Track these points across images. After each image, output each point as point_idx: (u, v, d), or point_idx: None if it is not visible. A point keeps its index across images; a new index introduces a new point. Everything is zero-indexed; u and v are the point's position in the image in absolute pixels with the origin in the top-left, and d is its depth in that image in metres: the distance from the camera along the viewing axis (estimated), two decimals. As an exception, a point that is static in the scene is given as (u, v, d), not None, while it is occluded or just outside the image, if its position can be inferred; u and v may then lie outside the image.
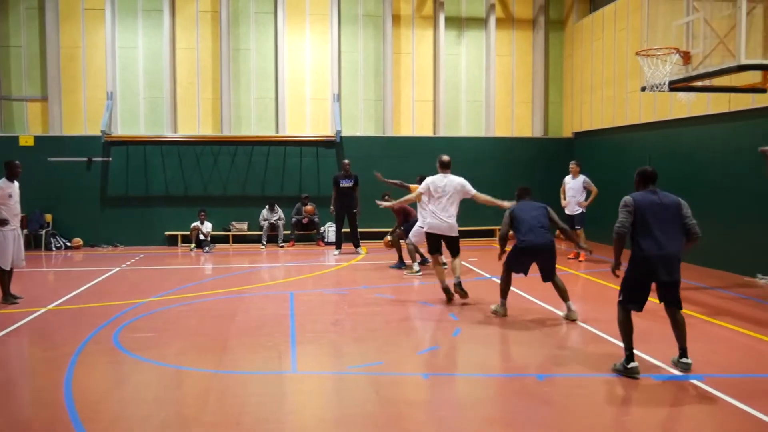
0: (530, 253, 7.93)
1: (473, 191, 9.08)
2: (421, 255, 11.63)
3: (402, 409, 5.12)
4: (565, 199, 12.98)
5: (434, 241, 9.00)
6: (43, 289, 10.48)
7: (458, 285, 8.83)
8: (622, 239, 5.93)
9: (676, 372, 5.80)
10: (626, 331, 5.84)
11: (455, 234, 8.94)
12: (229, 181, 16.14)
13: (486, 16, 17.20)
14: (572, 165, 12.99)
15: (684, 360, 5.85)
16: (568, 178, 13.02)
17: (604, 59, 15.43)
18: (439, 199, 8.90)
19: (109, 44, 15.82)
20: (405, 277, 11.02)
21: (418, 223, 10.72)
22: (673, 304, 5.91)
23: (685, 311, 6.04)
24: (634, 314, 5.95)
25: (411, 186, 11.09)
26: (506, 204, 8.67)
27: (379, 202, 11.12)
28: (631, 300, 5.92)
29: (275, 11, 16.39)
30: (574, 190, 12.75)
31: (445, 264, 9.28)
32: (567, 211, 12.84)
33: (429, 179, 9.11)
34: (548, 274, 8.02)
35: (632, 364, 5.73)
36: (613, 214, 14.56)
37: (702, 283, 10.28)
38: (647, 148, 13.60)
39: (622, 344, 5.90)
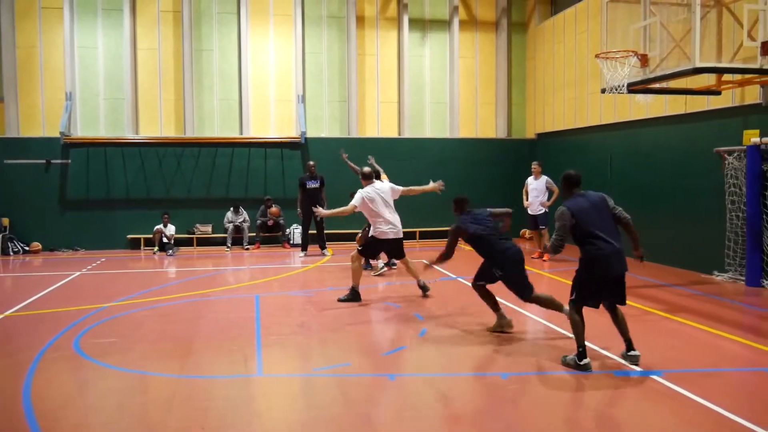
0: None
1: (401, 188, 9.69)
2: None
3: (369, 410, 5.14)
4: (527, 199, 13.17)
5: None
6: (1, 294, 10.21)
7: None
8: (558, 252, 6.23)
9: (636, 368, 5.93)
10: (579, 328, 6.01)
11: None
12: (192, 183, 15.96)
13: (449, 18, 17.34)
14: (534, 165, 13.19)
15: (632, 353, 6.06)
16: (530, 179, 13.21)
17: (566, 61, 15.68)
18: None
19: (68, 44, 15.50)
20: (371, 277, 11.05)
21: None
22: (621, 299, 6.12)
23: (644, 308, 6.18)
24: (596, 311, 6.08)
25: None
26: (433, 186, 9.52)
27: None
28: (587, 298, 6.09)
29: (238, 12, 16.27)
30: (537, 191, 12.95)
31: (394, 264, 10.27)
32: (530, 211, 13.04)
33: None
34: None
35: (585, 361, 5.90)
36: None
37: (660, 281, 10.53)
38: (608, 149, 13.88)
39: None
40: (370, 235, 9.50)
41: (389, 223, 9.25)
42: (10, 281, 11.92)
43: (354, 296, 9.14)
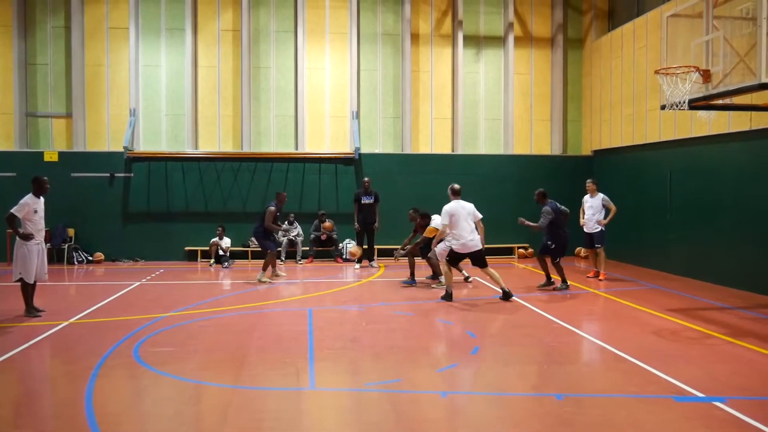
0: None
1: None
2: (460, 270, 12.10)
3: (419, 428, 5.11)
4: (583, 218, 12.90)
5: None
6: (65, 302, 10.61)
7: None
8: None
9: (699, 394, 5.73)
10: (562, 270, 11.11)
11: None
12: (249, 197, 16.28)
13: (504, 34, 17.28)
14: (589, 183, 12.89)
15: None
16: (586, 197, 12.94)
17: (623, 77, 15.41)
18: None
19: (133, 62, 16.11)
20: (427, 294, 11.02)
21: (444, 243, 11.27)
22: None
23: (707, 331, 5.99)
24: (661, 338, 5.91)
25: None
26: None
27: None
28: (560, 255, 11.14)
29: (295, 30, 16.61)
30: (594, 209, 12.68)
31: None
32: (586, 230, 12.76)
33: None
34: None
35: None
36: (633, 232, 14.47)
37: (723, 303, 10.15)
38: (667, 166, 13.53)
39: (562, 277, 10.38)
40: (448, 247, 10.60)
41: (464, 238, 10.14)
42: (74, 290, 12.36)
43: (447, 297, 10.25)
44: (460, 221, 10.14)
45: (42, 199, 9.25)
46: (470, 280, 12.34)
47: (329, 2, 16.77)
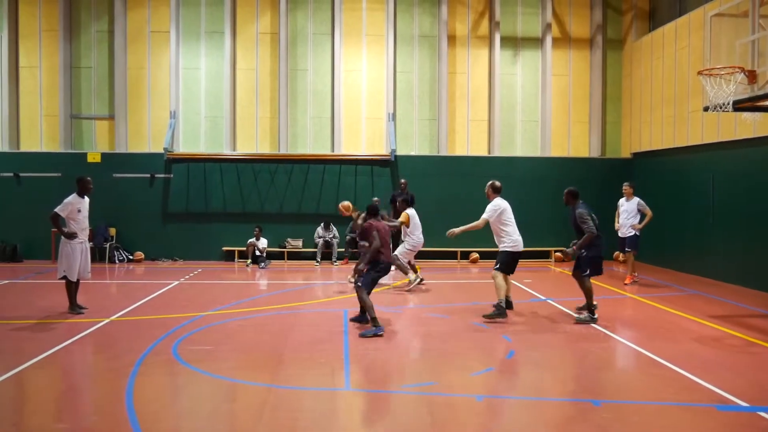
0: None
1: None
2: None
3: (455, 431, 5.08)
4: (618, 221, 12.64)
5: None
6: (107, 300, 10.84)
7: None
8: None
9: (742, 403, 5.58)
10: (592, 292, 8.97)
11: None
12: (285, 198, 16.43)
13: (542, 35, 17.11)
14: (626, 187, 12.61)
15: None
16: (622, 201, 12.69)
17: (664, 78, 15.11)
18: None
19: (173, 65, 16.41)
20: (461, 296, 10.97)
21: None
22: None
23: (750, 339, 5.84)
24: (703, 345, 5.79)
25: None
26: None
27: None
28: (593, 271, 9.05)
29: (332, 32, 16.71)
30: (628, 213, 12.43)
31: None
32: (620, 234, 12.51)
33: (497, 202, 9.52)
34: None
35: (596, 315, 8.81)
36: (673, 236, 14.18)
37: (769, 310, 9.88)
38: (710, 169, 13.22)
39: (588, 303, 8.88)
40: (503, 250, 9.36)
41: (517, 234, 9.35)
42: (115, 288, 12.63)
43: (500, 312, 9.07)
44: (511, 218, 9.36)
45: (86, 198, 9.48)
46: (422, 282, 12.05)
47: (366, 4, 16.83)
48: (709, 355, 7.26)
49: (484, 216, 9.32)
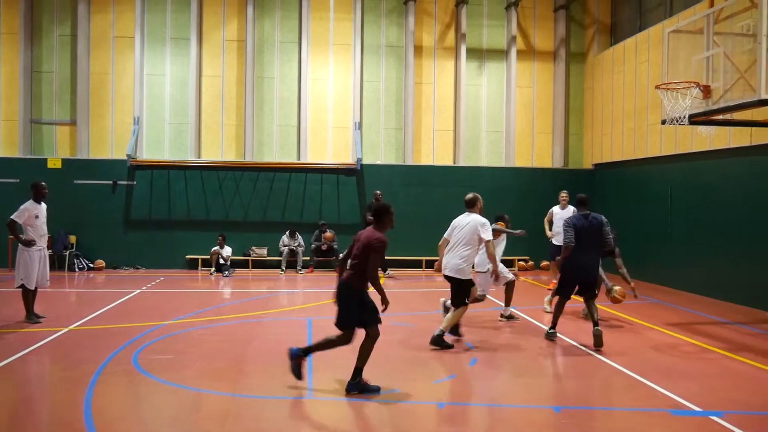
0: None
1: (486, 237, 8.15)
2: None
3: (417, 438, 5.12)
4: (551, 229, 12.53)
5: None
6: (66, 309, 10.63)
7: (437, 337, 7.95)
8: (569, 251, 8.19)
9: (696, 408, 5.73)
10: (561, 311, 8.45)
11: (455, 276, 8.04)
12: (250, 206, 16.33)
13: (507, 47, 17.38)
14: (563, 195, 12.45)
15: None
16: (556, 208, 12.45)
17: (625, 91, 15.47)
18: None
19: (138, 71, 16.22)
20: (412, 304, 11.02)
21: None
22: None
23: (705, 345, 6.01)
24: (660, 352, 5.92)
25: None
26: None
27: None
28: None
29: (299, 41, 16.72)
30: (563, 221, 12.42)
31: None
32: (555, 242, 12.47)
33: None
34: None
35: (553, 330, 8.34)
36: (633, 246, 14.41)
37: (724, 318, 10.15)
38: (668, 180, 13.56)
39: (552, 319, 8.45)
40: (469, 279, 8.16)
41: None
42: (74, 296, 12.38)
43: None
44: (457, 236, 8.24)
45: (43, 204, 9.30)
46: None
47: (334, 14, 16.89)
48: (666, 361, 7.43)
49: (490, 237, 8.20)
